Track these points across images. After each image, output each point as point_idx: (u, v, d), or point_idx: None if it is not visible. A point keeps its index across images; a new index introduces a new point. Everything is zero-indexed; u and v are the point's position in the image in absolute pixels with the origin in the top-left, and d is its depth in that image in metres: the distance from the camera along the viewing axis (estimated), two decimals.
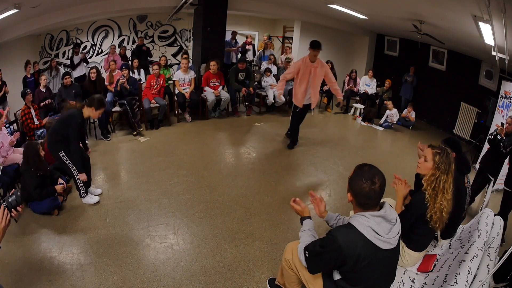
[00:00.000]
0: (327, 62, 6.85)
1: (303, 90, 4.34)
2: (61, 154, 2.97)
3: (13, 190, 1.39)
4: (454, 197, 1.88)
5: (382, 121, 6.34)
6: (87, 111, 3.01)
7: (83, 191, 3.14)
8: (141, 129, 5.05)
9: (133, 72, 5.88)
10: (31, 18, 5.04)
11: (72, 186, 3.41)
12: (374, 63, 8.26)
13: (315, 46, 4.18)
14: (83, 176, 3.05)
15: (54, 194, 2.99)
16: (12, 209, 1.36)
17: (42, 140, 3.92)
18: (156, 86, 5.32)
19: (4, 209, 1.33)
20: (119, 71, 5.53)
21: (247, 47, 8.25)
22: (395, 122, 6.25)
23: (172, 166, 4.04)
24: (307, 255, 1.58)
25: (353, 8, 5.44)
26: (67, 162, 2.99)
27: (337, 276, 1.58)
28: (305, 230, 1.78)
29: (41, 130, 4.27)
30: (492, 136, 3.37)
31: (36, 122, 4.35)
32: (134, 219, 2.98)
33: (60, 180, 3.16)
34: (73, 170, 3.02)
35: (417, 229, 1.95)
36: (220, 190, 3.54)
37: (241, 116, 6.17)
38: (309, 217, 1.88)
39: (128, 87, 5.03)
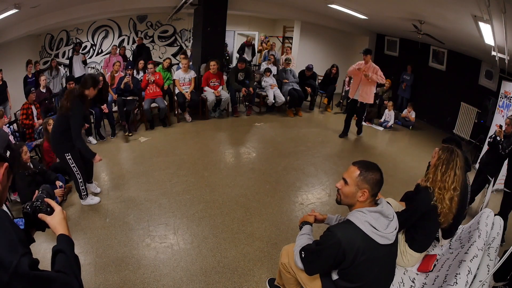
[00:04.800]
0: (332, 66, 6.89)
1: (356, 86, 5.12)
2: (68, 157, 2.93)
3: (36, 192, 1.21)
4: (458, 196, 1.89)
5: (382, 120, 6.34)
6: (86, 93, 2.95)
7: (84, 194, 3.12)
8: (130, 134, 4.92)
9: (138, 73, 5.88)
10: (31, 18, 5.04)
11: (72, 186, 3.41)
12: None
13: (365, 52, 5.02)
14: (98, 158, 3.01)
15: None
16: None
17: (42, 139, 3.93)
18: (152, 81, 5.27)
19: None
20: (121, 72, 5.54)
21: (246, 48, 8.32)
22: (389, 125, 6.22)
23: (172, 166, 4.04)
24: (303, 255, 1.57)
25: (353, 8, 5.44)
26: (72, 165, 2.96)
27: (335, 277, 1.57)
28: (303, 234, 1.78)
29: (40, 127, 4.27)
30: (492, 139, 3.37)
31: (36, 120, 4.36)
32: (134, 219, 2.98)
33: (59, 183, 3.17)
34: (77, 173, 3.00)
35: (420, 229, 1.95)
36: (220, 190, 3.54)
37: (241, 116, 6.17)
38: (309, 223, 1.88)
39: (132, 85, 5.04)
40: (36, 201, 1.14)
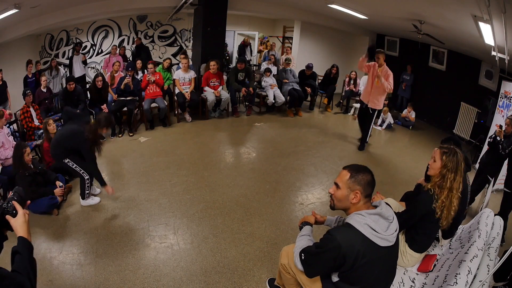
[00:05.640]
0: (332, 66, 6.88)
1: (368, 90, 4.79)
2: (66, 161, 2.99)
3: (10, 193, 1.27)
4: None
5: (379, 122, 6.33)
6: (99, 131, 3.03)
7: (88, 192, 3.13)
8: (132, 134, 5.00)
9: (137, 73, 5.88)
10: (31, 18, 5.03)
11: (72, 186, 3.41)
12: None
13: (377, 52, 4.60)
14: (109, 189, 3.01)
15: (51, 194, 3.00)
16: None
17: (42, 140, 3.93)
18: (152, 81, 5.28)
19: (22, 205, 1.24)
20: (120, 72, 5.53)
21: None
22: (385, 126, 6.21)
23: (172, 166, 4.04)
24: (303, 257, 1.57)
25: (353, 8, 5.44)
26: (73, 167, 3.00)
27: (335, 278, 1.57)
28: (302, 235, 1.78)
29: (41, 131, 4.27)
30: (492, 139, 3.36)
31: (36, 122, 4.35)
32: (134, 219, 2.98)
33: (59, 183, 3.17)
34: (82, 173, 3.03)
35: (421, 229, 1.95)
36: (220, 190, 3.54)
37: (241, 116, 6.17)
38: (310, 224, 1.88)
39: (132, 86, 5.04)
40: (6, 202, 1.20)
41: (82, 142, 2.92)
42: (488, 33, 3.30)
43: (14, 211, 1.19)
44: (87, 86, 6.27)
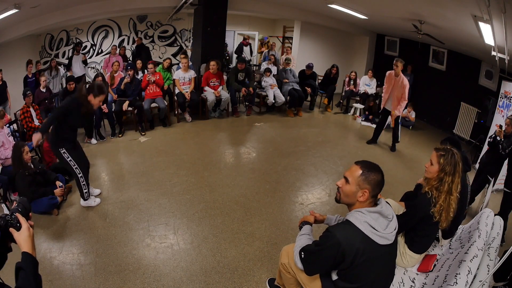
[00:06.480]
0: (332, 67, 6.88)
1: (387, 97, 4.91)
2: (62, 151, 2.91)
3: (14, 203, 1.21)
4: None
5: None
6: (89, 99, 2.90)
7: (86, 191, 3.10)
8: (144, 133, 5.05)
9: (137, 73, 5.88)
10: (31, 18, 5.04)
11: (72, 186, 3.41)
12: (374, 63, 8.27)
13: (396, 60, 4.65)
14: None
15: (51, 194, 3.00)
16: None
17: (42, 140, 3.93)
18: (152, 81, 5.28)
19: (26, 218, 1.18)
20: (120, 72, 5.53)
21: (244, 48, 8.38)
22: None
23: (172, 166, 4.04)
24: (303, 256, 1.57)
25: (353, 8, 5.44)
26: (68, 159, 2.95)
27: (334, 277, 1.57)
28: (302, 234, 1.78)
29: None
30: (492, 139, 3.36)
31: (36, 122, 4.35)
32: (134, 219, 2.98)
33: (59, 183, 3.17)
34: (75, 168, 2.98)
35: (420, 231, 1.95)
36: (220, 190, 3.54)
37: (241, 116, 6.17)
38: (309, 223, 1.88)
39: (133, 87, 5.03)
40: (10, 214, 1.15)
41: (69, 100, 2.82)
42: (488, 33, 3.31)
43: (18, 224, 1.13)
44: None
